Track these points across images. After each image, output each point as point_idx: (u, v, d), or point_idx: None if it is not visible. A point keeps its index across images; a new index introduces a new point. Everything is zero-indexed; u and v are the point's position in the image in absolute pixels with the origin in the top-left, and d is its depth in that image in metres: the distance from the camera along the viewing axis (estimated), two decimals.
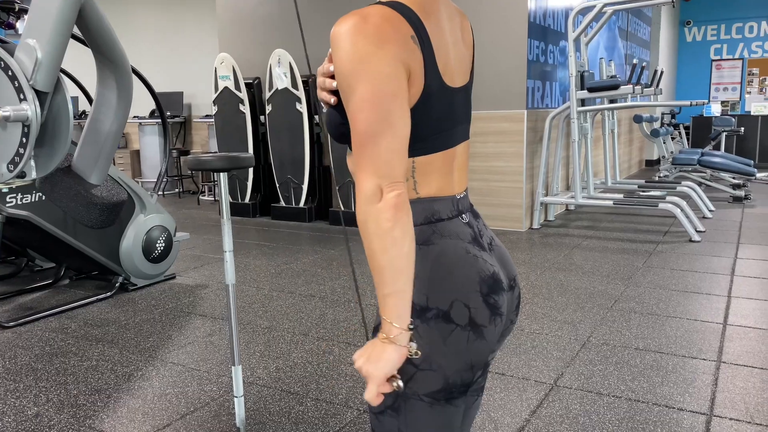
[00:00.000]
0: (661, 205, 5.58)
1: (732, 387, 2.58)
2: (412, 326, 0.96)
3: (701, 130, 11.64)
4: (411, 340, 0.96)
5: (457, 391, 1.02)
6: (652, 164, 11.56)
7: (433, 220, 1.03)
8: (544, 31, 6.03)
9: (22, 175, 2.57)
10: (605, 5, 5.81)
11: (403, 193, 0.92)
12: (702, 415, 2.35)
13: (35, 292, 4.16)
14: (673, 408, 2.41)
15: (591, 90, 5.82)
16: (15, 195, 3.48)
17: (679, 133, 10.81)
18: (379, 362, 0.94)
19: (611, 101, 6.68)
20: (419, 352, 0.97)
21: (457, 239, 1.03)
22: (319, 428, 2.33)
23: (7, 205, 3.45)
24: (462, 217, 1.07)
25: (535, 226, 6.02)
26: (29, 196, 3.56)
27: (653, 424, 2.29)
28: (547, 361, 2.88)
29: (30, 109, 2.47)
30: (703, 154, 8.11)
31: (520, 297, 1.17)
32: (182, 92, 9.05)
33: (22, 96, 2.47)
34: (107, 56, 2.65)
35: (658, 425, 2.28)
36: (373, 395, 0.94)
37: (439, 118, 1.01)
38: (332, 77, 1.04)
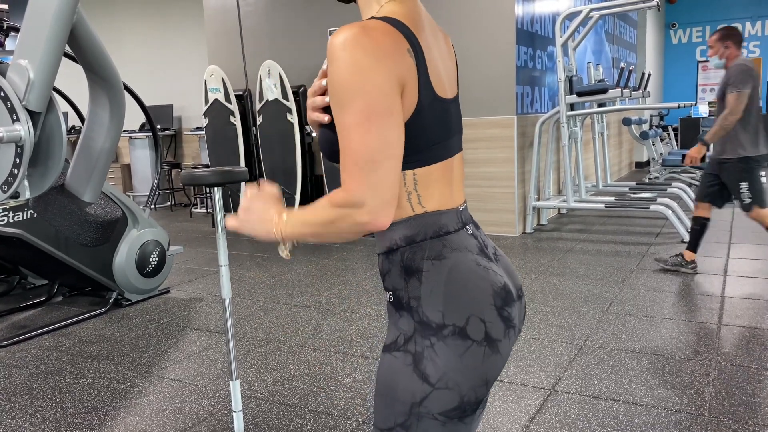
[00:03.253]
0: (653, 207, 5.61)
1: (729, 387, 2.59)
2: (290, 248, 1.07)
3: (690, 131, 11.72)
4: (285, 246, 1.07)
5: (470, 409, 1.01)
6: (642, 166, 11.64)
7: (442, 233, 1.02)
8: (532, 37, 6.08)
9: (16, 195, 2.56)
10: (591, 10, 5.86)
11: (390, 217, 0.95)
12: (700, 417, 2.36)
13: (28, 309, 4.13)
14: (671, 410, 2.42)
15: (580, 94, 5.86)
16: (6, 213, 3.46)
17: (668, 134, 10.89)
18: (254, 224, 1.07)
19: (600, 105, 6.72)
20: (289, 255, 1.07)
21: (466, 252, 1.02)
22: None
23: None
24: (467, 229, 1.06)
25: (528, 230, 6.04)
26: (21, 213, 3.54)
27: (652, 427, 2.30)
28: (544, 367, 2.88)
29: (23, 129, 2.46)
30: None
31: (526, 306, 1.16)
32: (172, 105, 9.04)
33: (14, 117, 2.46)
34: (99, 74, 2.64)
35: (656, 428, 2.29)
36: (231, 224, 1.13)
37: (435, 129, 1.01)
38: (323, 93, 1.04)
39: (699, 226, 4.30)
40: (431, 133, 1.01)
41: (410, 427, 1.00)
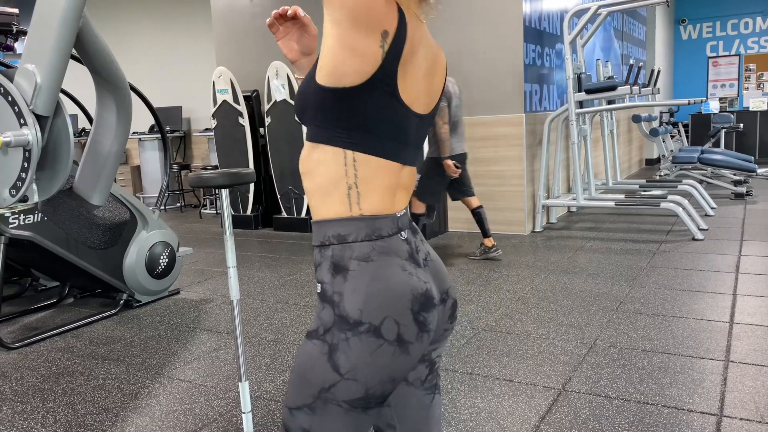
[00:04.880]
0: (663, 205, 5.57)
1: (741, 386, 2.57)
2: None
3: (700, 128, 11.65)
4: None
5: (375, 402, 1.07)
6: (653, 163, 11.56)
7: (374, 237, 1.06)
8: (540, 35, 6.05)
9: (24, 199, 2.57)
10: (600, 7, 5.82)
11: None
12: (712, 416, 2.34)
13: (40, 311, 4.16)
14: (683, 409, 2.40)
15: (589, 92, 5.83)
16: (18, 216, 3.49)
17: (678, 131, 10.81)
18: None
19: (609, 102, 6.69)
20: None
21: (394, 256, 1.07)
22: None
23: (10, 226, 3.46)
24: (401, 234, 1.10)
25: (538, 229, 6.02)
26: (32, 216, 3.56)
27: (663, 427, 2.28)
28: (554, 366, 2.87)
29: (31, 133, 2.48)
30: (703, 152, 8.11)
31: (456, 305, 1.21)
32: (181, 107, 9.08)
33: (22, 121, 2.48)
34: (106, 78, 2.66)
35: (668, 427, 2.27)
36: None
37: (384, 123, 1.04)
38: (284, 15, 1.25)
39: (476, 216, 4.86)
40: (378, 122, 1.03)
41: (315, 410, 1.06)
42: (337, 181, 1.05)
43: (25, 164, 2.51)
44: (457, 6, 5.83)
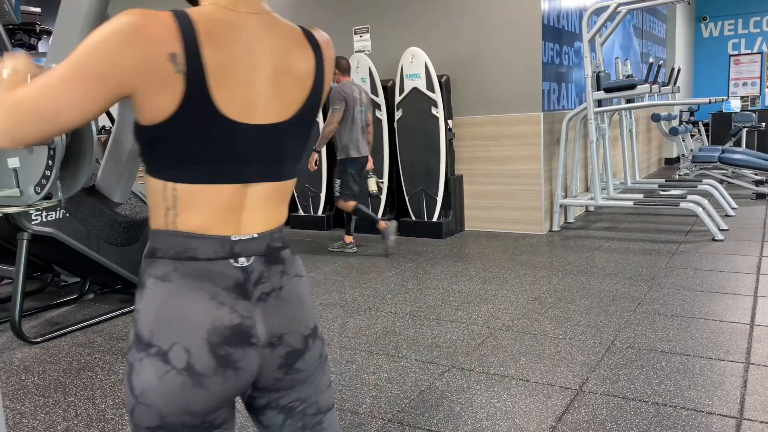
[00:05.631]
0: (683, 204, 5.52)
1: (762, 389, 2.54)
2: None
3: (721, 127, 11.49)
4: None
5: None
6: (672, 162, 11.44)
7: (183, 257, 0.98)
8: (558, 33, 6.01)
9: (48, 196, 2.62)
10: (619, 5, 5.77)
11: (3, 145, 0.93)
12: (732, 419, 2.32)
13: (61, 307, 4.22)
14: (702, 412, 2.38)
15: (607, 90, 5.78)
16: (40, 213, 3.54)
17: (699, 130, 10.69)
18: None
19: (628, 101, 6.63)
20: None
21: (205, 282, 0.98)
22: None
23: (33, 222, 3.51)
24: (235, 261, 1.00)
25: (555, 228, 5.99)
26: (54, 213, 3.61)
27: (682, 429, 2.26)
28: (571, 366, 2.86)
29: None
30: (723, 151, 8.02)
31: (297, 355, 1.07)
32: None
33: None
34: None
35: (686, 429, 2.26)
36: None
37: (206, 148, 0.96)
38: None
39: (348, 216, 5.40)
40: (201, 152, 0.95)
41: None
42: (158, 204, 1.00)
43: (50, 162, 2.55)
44: (476, 4, 5.81)
